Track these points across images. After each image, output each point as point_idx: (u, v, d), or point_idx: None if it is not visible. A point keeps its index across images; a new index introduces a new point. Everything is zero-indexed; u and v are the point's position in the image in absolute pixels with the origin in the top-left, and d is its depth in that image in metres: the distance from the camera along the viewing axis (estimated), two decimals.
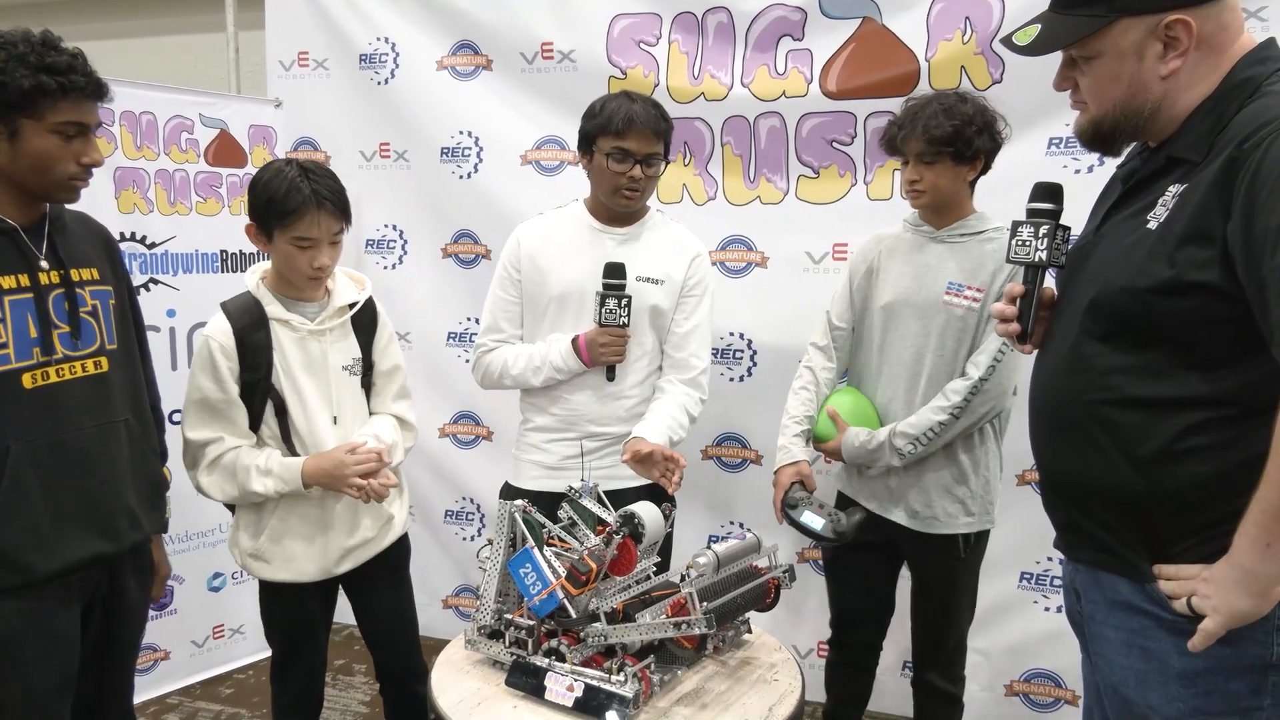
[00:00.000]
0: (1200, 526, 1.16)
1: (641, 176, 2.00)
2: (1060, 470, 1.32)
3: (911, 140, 1.94)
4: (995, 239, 2.01)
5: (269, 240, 1.80)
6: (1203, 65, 1.17)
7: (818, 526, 1.96)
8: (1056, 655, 2.66)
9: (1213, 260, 1.10)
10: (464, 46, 3.02)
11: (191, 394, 1.83)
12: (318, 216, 1.76)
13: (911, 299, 2.03)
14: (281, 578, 1.90)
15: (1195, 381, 1.14)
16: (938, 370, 2.01)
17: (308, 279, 1.83)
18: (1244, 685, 1.14)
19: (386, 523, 2.01)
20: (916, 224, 2.10)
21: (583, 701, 1.40)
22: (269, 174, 1.78)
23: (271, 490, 1.81)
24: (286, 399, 1.85)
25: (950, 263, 2.01)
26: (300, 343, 1.86)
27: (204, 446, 1.82)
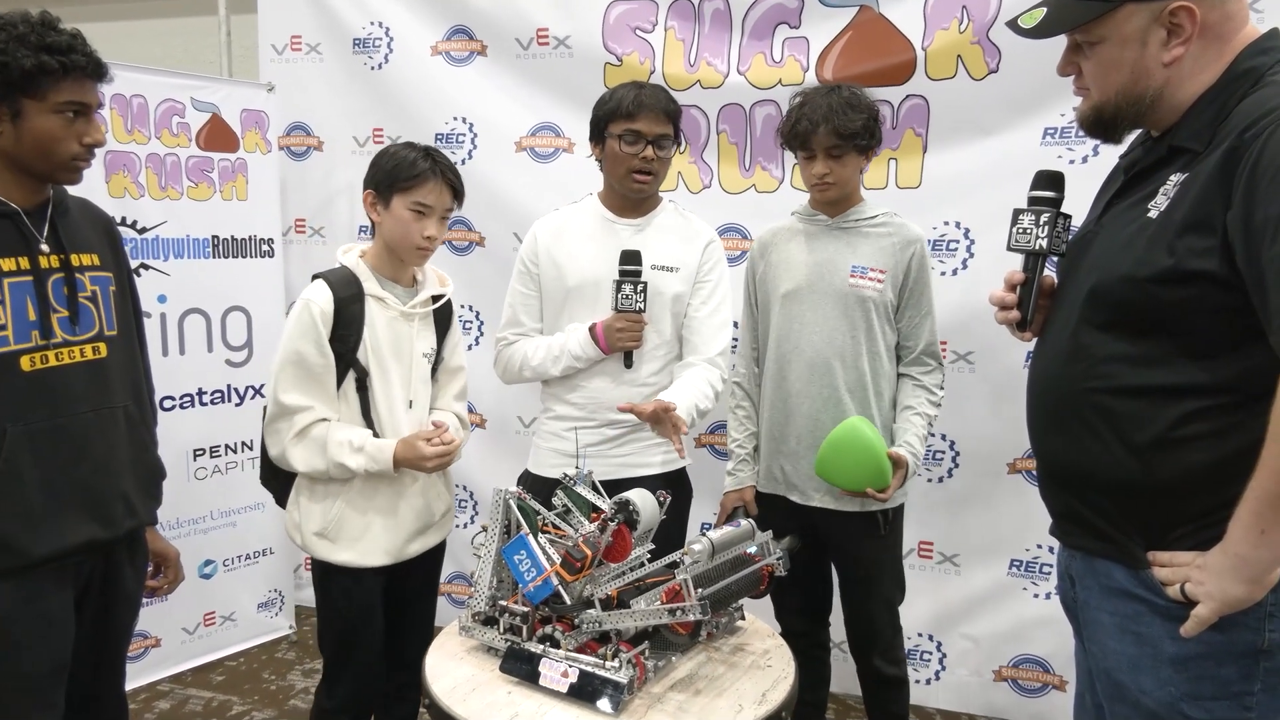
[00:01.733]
0: (1197, 513, 1.17)
1: (654, 157, 2.02)
2: (1058, 457, 1.33)
3: (821, 135, 1.98)
4: (887, 224, 2.10)
5: (386, 207, 1.85)
6: (1205, 54, 1.17)
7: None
8: (1045, 641, 2.69)
9: (1213, 249, 1.10)
10: (459, 32, 3.00)
11: (287, 356, 1.81)
12: (438, 185, 1.84)
13: (815, 286, 2.08)
14: (346, 560, 1.87)
15: (1193, 369, 1.15)
16: (854, 353, 2.06)
17: (416, 248, 1.86)
18: (1235, 670, 1.16)
19: (447, 512, 2.04)
20: (809, 214, 2.15)
21: (577, 687, 1.40)
22: (394, 149, 1.88)
23: (361, 468, 1.82)
24: (371, 375, 1.86)
25: (848, 248, 2.08)
26: (390, 323, 1.89)
27: (295, 414, 1.81)
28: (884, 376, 2.10)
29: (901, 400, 2.11)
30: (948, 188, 2.60)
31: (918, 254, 2.08)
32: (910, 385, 2.11)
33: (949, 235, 2.62)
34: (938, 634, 2.81)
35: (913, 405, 2.09)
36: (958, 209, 2.60)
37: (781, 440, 2.14)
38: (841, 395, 2.07)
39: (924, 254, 2.10)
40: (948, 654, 2.82)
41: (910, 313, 2.10)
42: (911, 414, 2.08)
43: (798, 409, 2.10)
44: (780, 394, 2.13)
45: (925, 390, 2.10)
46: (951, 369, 2.65)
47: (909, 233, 2.10)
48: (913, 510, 2.73)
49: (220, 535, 3.02)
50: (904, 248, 2.07)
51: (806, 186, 2.11)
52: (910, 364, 2.12)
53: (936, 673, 2.83)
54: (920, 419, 2.08)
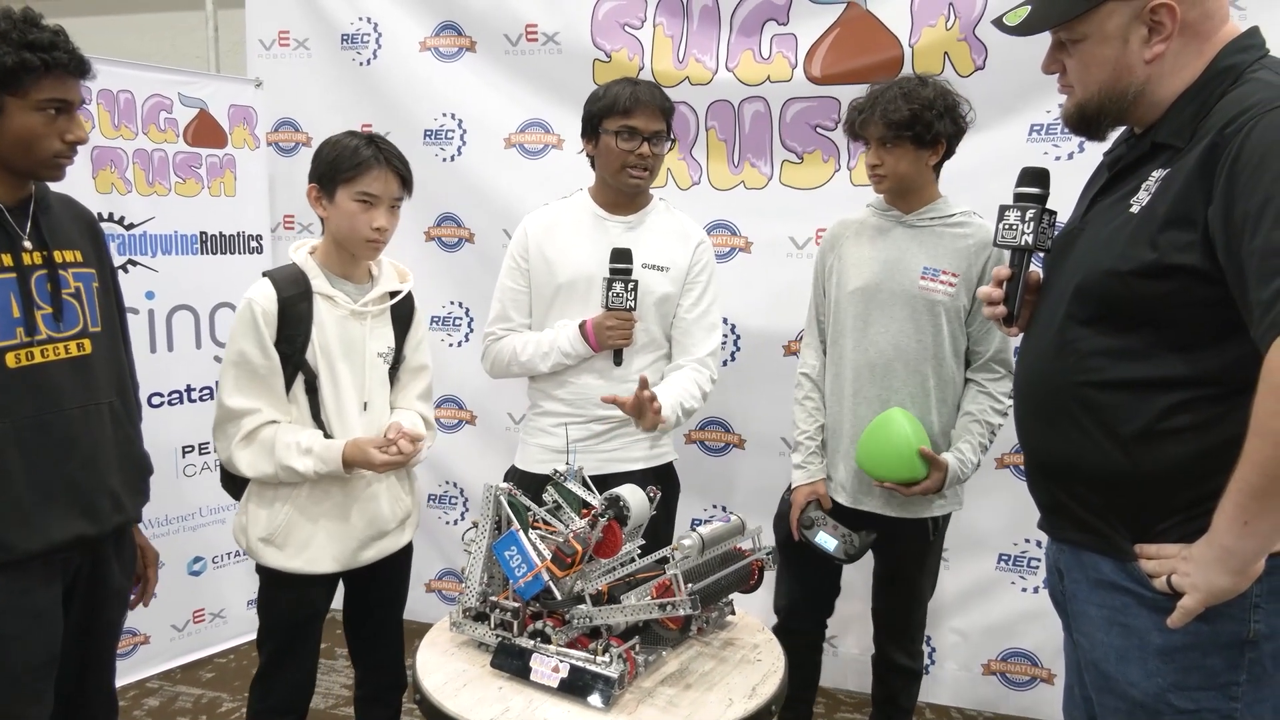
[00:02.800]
0: (1182, 505, 1.18)
1: (649, 154, 2.02)
2: (1045, 451, 1.34)
3: (871, 125, 1.95)
4: (965, 224, 2.02)
5: (330, 200, 1.80)
6: (1186, 51, 1.19)
7: (830, 548, 2.02)
8: (1033, 635, 2.71)
9: (1194, 243, 1.12)
10: (447, 27, 2.99)
11: (231, 358, 1.77)
12: (383, 173, 1.78)
13: (884, 285, 2.02)
14: (294, 567, 1.82)
15: (1176, 362, 1.16)
16: (919, 357, 2.00)
17: (365, 241, 1.80)
18: (1221, 661, 1.17)
19: (406, 518, 1.97)
20: (883, 208, 2.09)
21: (568, 682, 1.40)
22: (334, 139, 1.82)
23: (311, 471, 1.76)
24: (320, 377, 1.81)
25: (920, 248, 2.01)
26: (340, 322, 1.83)
27: (241, 416, 1.76)
28: (949, 383, 2.02)
29: (963, 406, 2.04)
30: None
31: (995, 256, 1.97)
32: (974, 391, 2.04)
33: None
34: (927, 628, 2.79)
35: (972, 411, 2.02)
36: None
37: (837, 438, 2.09)
38: (900, 399, 2.00)
39: (1000, 256, 1.96)
40: (937, 648, 2.84)
41: (982, 317, 1.97)
42: (970, 420, 2.02)
43: (853, 410, 2.05)
44: (836, 393, 2.09)
45: (989, 397, 2.02)
46: None
47: (986, 234, 1.97)
48: None
49: (209, 532, 3.01)
50: (980, 250, 1.98)
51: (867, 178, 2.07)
52: (977, 369, 2.04)
53: (926, 667, 2.84)
54: (978, 426, 2.01)
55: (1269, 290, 1.03)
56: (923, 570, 2.15)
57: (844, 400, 2.07)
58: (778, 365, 2.76)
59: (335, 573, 1.88)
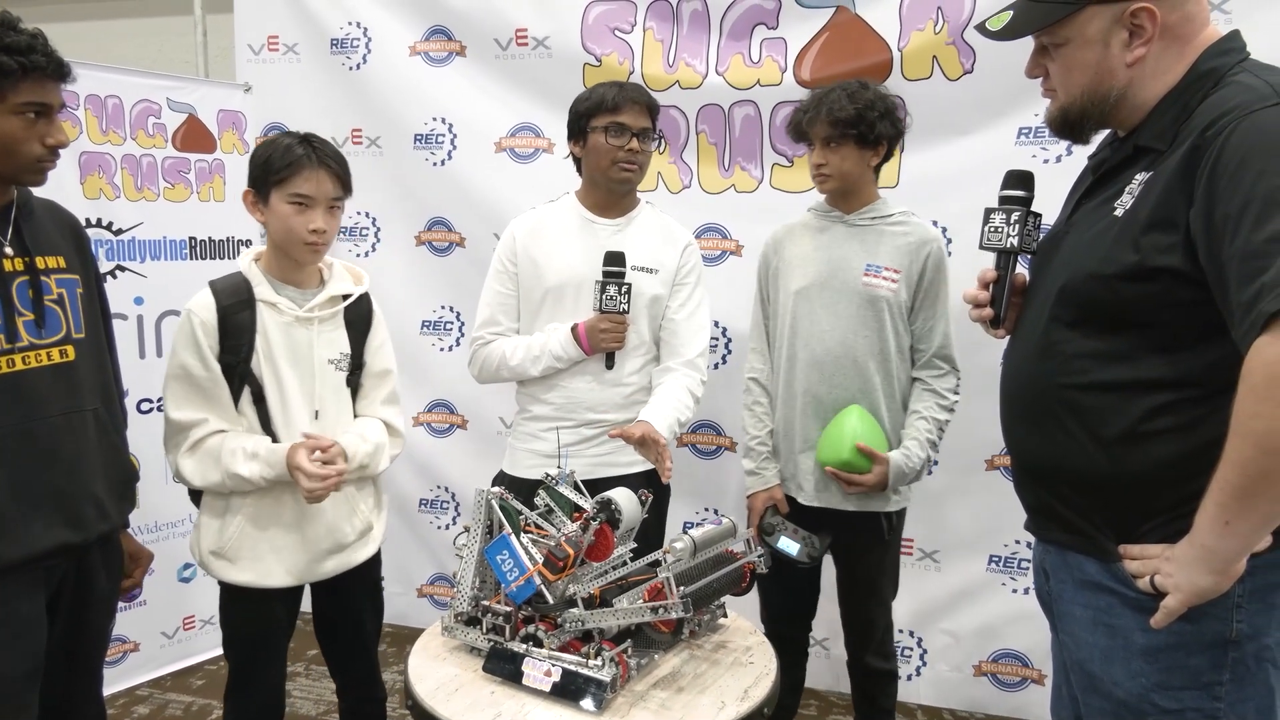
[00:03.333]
0: (1166, 506, 1.19)
1: (638, 150, 2.03)
2: (1030, 453, 1.35)
3: (817, 124, 1.99)
4: (905, 222, 2.08)
5: (265, 204, 1.76)
6: (1167, 55, 1.21)
7: (793, 552, 2.04)
8: (1024, 636, 2.72)
9: (1176, 245, 1.13)
10: (437, 32, 2.99)
11: (173, 370, 1.75)
12: (316, 173, 1.74)
13: (828, 283, 2.06)
14: (245, 580, 1.79)
15: (1159, 364, 1.18)
16: (865, 353, 2.04)
17: (304, 244, 1.76)
18: (1205, 660, 1.18)
19: (366, 531, 1.92)
20: (825, 210, 2.14)
21: (560, 686, 1.40)
22: (267, 141, 1.79)
23: (257, 475, 1.72)
24: (265, 386, 1.78)
25: (862, 246, 2.07)
26: (285, 329, 1.79)
27: (188, 428, 1.74)
28: (895, 379, 2.07)
29: (910, 404, 2.09)
30: (924, 187, 2.62)
31: (934, 254, 2.05)
32: (919, 389, 2.09)
33: None
34: (918, 630, 2.83)
35: (919, 410, 2.07)
36: (934, 208, 2.62)
37: (790, 439, 2.12)
38: (850, 395, 2.04)
39: (940, 254, 2.07)
40: (928, 650, 2.84)
41: (924, 314, 2.07)
42: (916, 419, 2.06)
43: (806, 408, 2.08)
44: (789, 392, 2.12)
45: (935, 394, 2.07)
46: None
47: (925, 232, 2.07)
48: None
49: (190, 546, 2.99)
50: (919, 247, 2.05)
51: (811, 180, 2.11)
52: (922, 367, 2.09)
53: (918, 668, 2.85)
54: (925, 423, 2.05)
55: (1250, 291, 1.04)
56: (882, 570, 2.17)
57: (795, 400, 2.11)
58: None
59: (291, 586, 1.83)
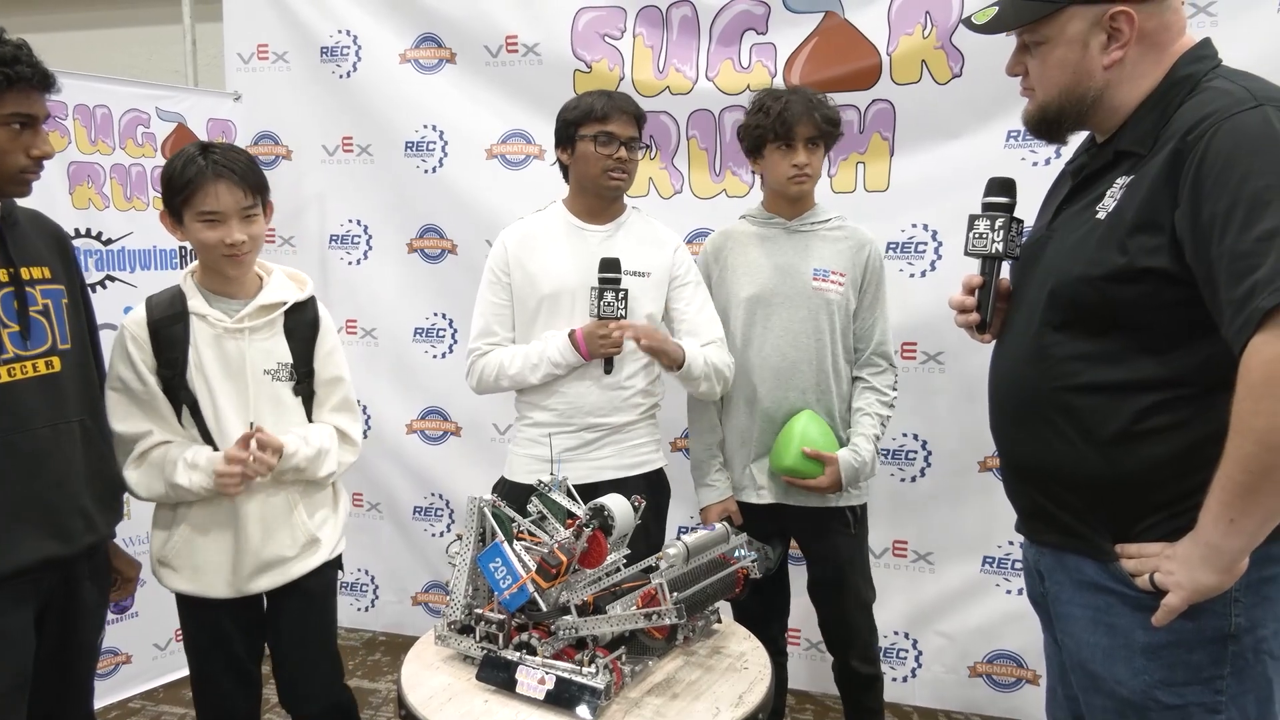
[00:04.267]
0: (1162, 504, 1.20)
1: (627, 158, 2.05)
2: (1023, 456, 1.35)
3: (804, 124, 2.00)
4: (842, 227, 2.13)
5: (180, 223, 1.73)
6: (1144, 61, 1.23)
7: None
8: (1018, 636, 2.72)
9: (1162, 247, 1.14)
10: (427, 39, 3.00)
11: (112, 384, 1.75)
12: (215, 188, 1.68)
13: (779, 289, 2.09)
14: (187, 590, 1.80)
15: (1150, 364, 1.19)
16: (820, 356, 2.08)
17: (223, 258, 1.73)
18: (1205, 656, 1.19)
19: (310, 544, 1.86)
20: (765, 217, 2.16)
21: (554, 694, 1.40)
22: (170, 158, 1.75)
23: (197, 486, 1.71)
24: (199, 400, 1.76)
25: (808, 251, 2.11)
26: (216, 340, 1.76)
27: (133, 441, 1.75)
28: (842, 379, 2.14)
29: (854, 403, 2.15)
30: (915, 190, 2.63)
31: (873, 255, 2.13)
32: (860, 388, 2.16)
33: (917, 237, 2.65)
34: (913, 632, 2.84)
35: (862, 407, 2.13)
36: (925, 211, 2.64)
37: (746, 445, 2.15)
38: (806, 398, 2.10)
39: (878, 255, 2.15)
40: (923, 651, 2.84)
41: (865, 315, 2.14)
42: (860, 415, 2.13)
43: (761, 413, 2.12)
44: (741, 399, 2.15)
45: (875, 391, 2.14)
46: (922, 369, 2.68)
47: (862, 235, 2.14)
48: (886, 510, 2.75)
49: None
50: (859, 250, 2.12)
51: (778, 182, 2.09)
52: (861, 365, 2.16)
53: (913, 670, 2.85)
54: (869, 419, 2.11)
55: (1240, 290, 1.05)
56: (853, 567, 2.18)
57: (747, 407, 2.13)
58: None
59: (232, 598, 1.80)
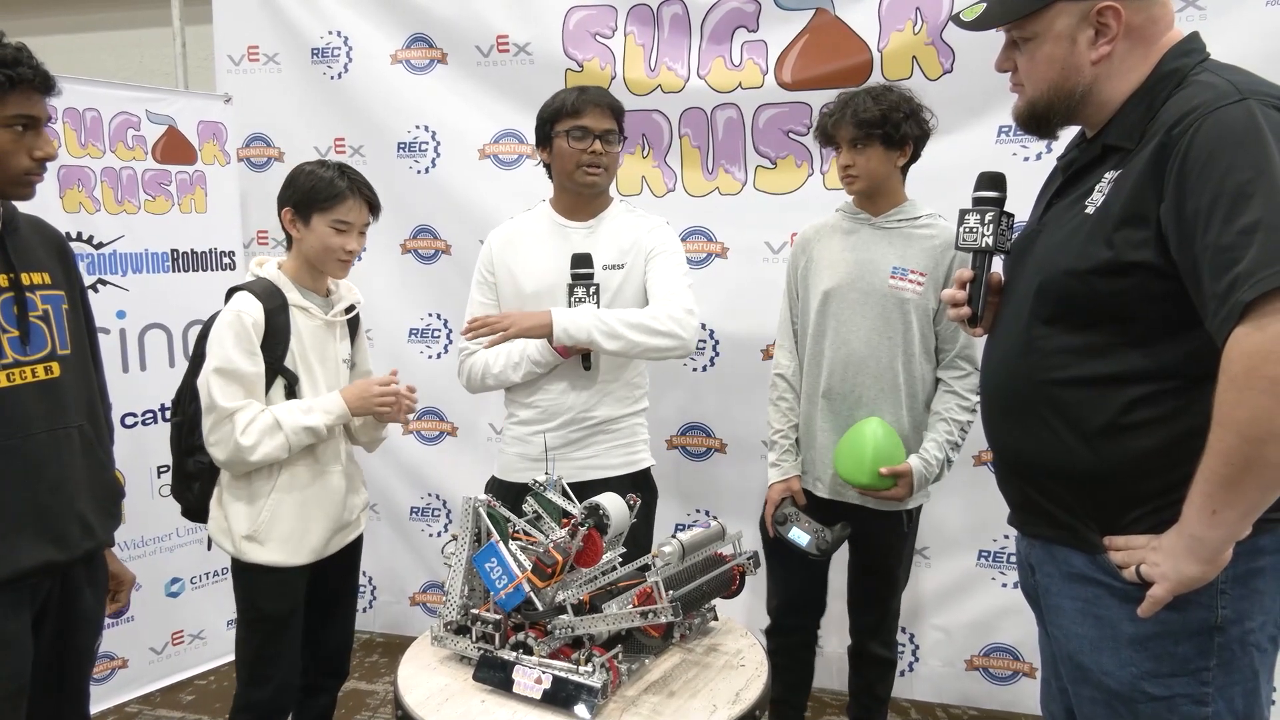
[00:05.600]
0: (1149, 496, 1.21)
1: (603, 151, 2.04)
2: (1013, 449, 1.36)
3: (843, 126, 2.01)
4: (931, 225, 2.09)
5: (305, 225, 1.92)
6: (1132, 55, 1.24)
7: (803, 543, 2.06)
8: (1014, 629, 2.74)
9: (1148, 240, 1.15)
10: (418, 40, 2.99)
11: (222, 365, 1.83)
12: (356, 203, 1.93)
13: (855, 285, 2.08)
14: (276, 560, 1.90)
15: (1136, 357, 1.19)
16: (890, 355, 2.05)
17: (338, 261, 1.95)
18: (1192, 647, 1.19)
19: (364, 509, 2.10)
20: (853, 211, 2.15)
21: (551, 693, 1.40)
22: (310, 168, 1.95)
23: (321, 424, 1.89)
24: (301, 380, 1.93)
25: (890, 248, 2.08)
26: (315, 331, 1.96)
27: (235, 412, 1.83)
28: (919, 380, 2.08)
29: (933, 405, 2.11)
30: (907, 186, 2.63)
31: (960, 257, 2.04)
32: (942, 390, 2.10)
33: None
34: (910, 626, 2.84)
35: (939, 411, 2.08)
36: None
37: (811, 434, 2.15)
38: (874, 395, 2.06)
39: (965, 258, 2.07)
40: (920, 645, 2.85)
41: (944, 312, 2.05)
42: (937, 420, 2.08)
43: (827, 407, 2.11)
44: (812, 391, 2.14)
45: (955, 395, 2.08)
46: None
47: (951, 234, 1.99)
48: None
49: (186, 553, 2.97)
50: (946, 249, 2.05)
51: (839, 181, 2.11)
52: (945, 368, 2.10)
53: (910, 664, 2.86)
54: (945, 425, 2.06)
55: (1223, 283, 1.06)
56: (898, 562, 2.20)
57: (818, 398, 2.13)
58: (757, 369, 2.76)
59: (309, 564, 1.95)
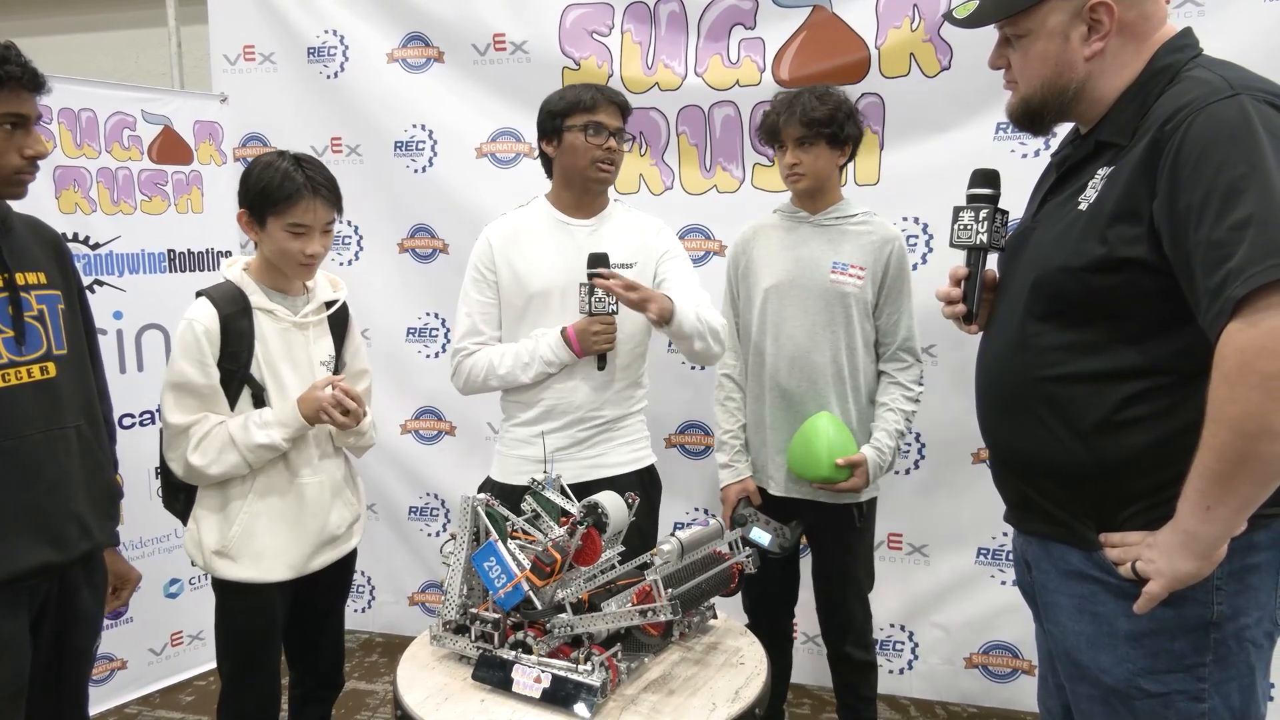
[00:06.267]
0: (1144, 493, 1.21)
1: (616, 148, 2.04)
2: (1009, 447, 1.36)
3: (791, 125, 2.06)
4: (868, 221, 2.15)
5: (261, 228, 1.81)
6: (1125, 51, 1.24)
7: (765, 542, 2.10)
8: (1013, 627, 2.73)
9: (1141, 237, 1.15)
10: (415, 38, 2.98)
11: (172, 379, 1.77)
12: (312, 203, 1.78)
13: (796, 281, 2.12)
14: (248, 577, 1.82)
15: (1131, 354, 1.19)
16: (834, 349, 2.10)
17: (299, 265, 1.83)
18: (1188, 644, 1.20)
19: (355, 521, 2.00)
20: (791, 211, 2.20)
21: (550, 692, 1.40)
22: (261, 165, 1.80)
23: (278, 439, 1.78)
24: (267, 389, 1.83)
25: (829, 245, 2.13)
26: (283, 334, 1.86)
27: (188, 428, 1.77)
28: (861, 372, 2.14)
29: (878, 397, 2.17)
30: (905, 184, 2.63)
31: (896, 251, 2.14)
32: (886, 382, 2.17)
33: (908, 230, 2.65)
34: (909, 624, 2.84)
35: (886, 402, 2.15)
36: (915, 205, 2.64)
37: (761, 432, 2.18)
38: (820, 389, 2.11)
39: (902, 251, 2.15)
40: (919, 643, 2.85)
41: (888, 310, 2.15)
42: (884, 410, 2.14)
43: (775, 402, 2.14)
44: (759, 387, 2.17)
45: (900, 386, 2.15)
46: None
47: (887, 231, 2.16)
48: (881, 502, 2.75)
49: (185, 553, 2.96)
50: (882, 245, 2.13)
51: (782, 181, 2.17)
52: (887, 360, 2.17)
53: (909, 662, 2.86)
54: (893, 414, 2.13)
55: (1215, 279, 1.06)
56: (856, 559, 2.21)
57: (765, 395, 2.17)
58: None
59: (289, 580, 1.87)
